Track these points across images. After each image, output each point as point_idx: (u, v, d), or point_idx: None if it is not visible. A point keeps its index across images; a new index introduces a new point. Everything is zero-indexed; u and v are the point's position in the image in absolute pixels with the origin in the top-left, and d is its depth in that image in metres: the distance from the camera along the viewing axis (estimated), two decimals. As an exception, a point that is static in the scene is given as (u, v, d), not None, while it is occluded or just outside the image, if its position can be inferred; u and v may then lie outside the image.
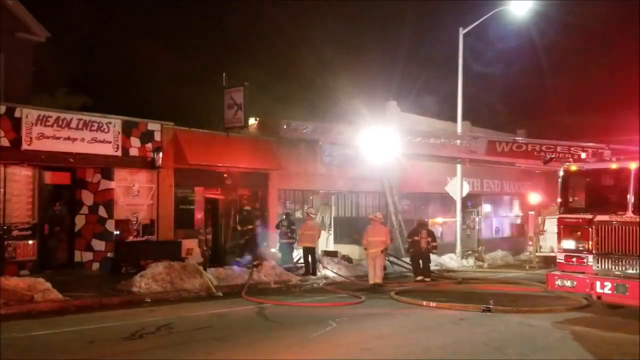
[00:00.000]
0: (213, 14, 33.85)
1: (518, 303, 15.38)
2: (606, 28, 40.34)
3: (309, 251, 21.17)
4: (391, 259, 23.06)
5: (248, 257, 20.81)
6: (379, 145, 20.44)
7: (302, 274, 20.60)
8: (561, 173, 13.93)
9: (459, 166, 25.76)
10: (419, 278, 20.76)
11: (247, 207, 22.70)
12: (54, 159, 18.33)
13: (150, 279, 16.52)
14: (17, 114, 17.48)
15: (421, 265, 21.17)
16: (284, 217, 22.87)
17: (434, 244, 21.44)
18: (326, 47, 31.13)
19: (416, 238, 21.36)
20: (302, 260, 21.70)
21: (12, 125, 17.36)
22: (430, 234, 21.58)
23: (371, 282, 18.97)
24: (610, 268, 12.66)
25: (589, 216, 13.01)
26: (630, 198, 12.43)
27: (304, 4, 32.27)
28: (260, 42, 33.08)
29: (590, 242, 12.91)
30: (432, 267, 23.94)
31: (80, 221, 20.30)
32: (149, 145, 20.42)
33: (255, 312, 14.31)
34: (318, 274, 20.88)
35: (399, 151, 21.02)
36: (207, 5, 32.97)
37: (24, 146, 17.50)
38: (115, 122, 19.58)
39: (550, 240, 23.44)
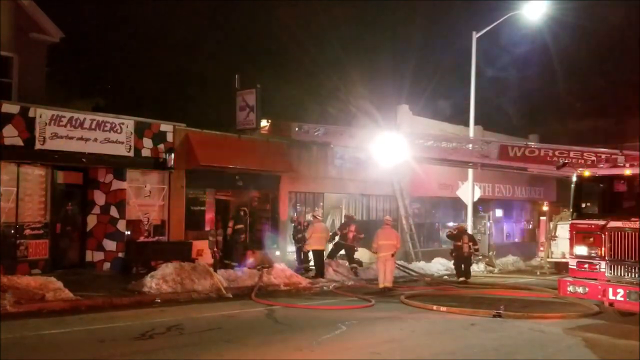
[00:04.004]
0: (226, 16, 33.94)
1: (529, 309, 15.30)
2: (621, 32, 40.08)
3: (318, 254, 21.16)
4: (400, 262, 23.06)
5: (250, 260, 21.15)
6: (390, 148, 20.42)
7: (312, 277, 20.59)
8: (574, 179, 13.85)
9: (470, 170, 25.66)
10: (461, 279, 21.77)
11: (244, 208, 22.79)
12: (67, 159, 18.42)
13: (160, 279, 16.56)
14: (30, 113, 17.58)
15: (462, 268, 22.22)
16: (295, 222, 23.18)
17: (476, 247, 22.84)
18: (338, 49, 31.13)
19: (458, 243, 22.37)
20: (312, 263, 21.71)
21: (26, 125, 17.45)
22: (472, 239, 22.80)
23: (381, 285, 18.96)
24: (622, 275, 12.57)
25: (602, 222, 12.92)
26: (644, 204, 12.35)
27: (316, 6, 32.29)
28: (272, 44, 33.12)
29: (602, 249, 12.83)
30: (443, 271, 24.09)
31: (91, 221, 20.39)
32: (161, 146, 20.48)
33: (264, 314, 14.30)
34: (327, 276, 20.86)
35: (411, 155, 20.98)
36: (220, 8, 33.07)
37: (38, 146, 17.60)
38: (128, 123, 19.66)
39: (562, 246, 23.31)
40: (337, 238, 22.42)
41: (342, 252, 22.48)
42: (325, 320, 13.51)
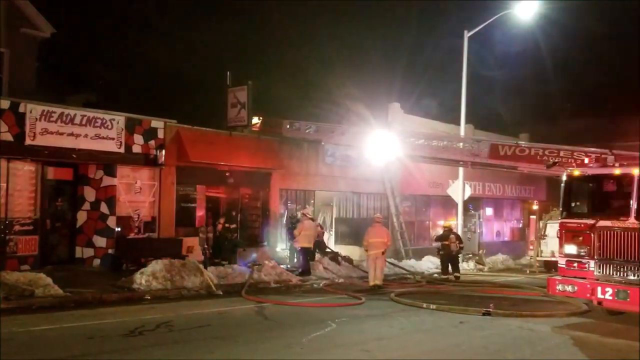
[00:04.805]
0: (218, 13, 33.86)
1: (518, 307, 15.36)
2: (611, 32, 40.32)
3: (307, 251, 21.18)
4: (390, 260, 23.18)
5: (254, 255, 21.51)
6: (381, 146, 20.45)
7: (301, 274, 20.56)
8: (564, 178, 13.91)
9: (461, 169, 25.74)
10: (446, 276, 22.27)
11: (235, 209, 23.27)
12: (57, 155, 18.35)
13: (150, 276, 16.53)
14: (21, 109, 17.50)
15: (449, 266, 22.75)
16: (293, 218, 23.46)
17: (461, 245, 23.41)
18: (330, 47, 31.15)
19: (446, 242, 22.78)
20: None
21: (16, 120, 17.37)
22: (458, 238, 23.45)
23: (371, 283, 18.97)
24: (611, 274, 12.63)
25: (591, 221, 12.96)
26: (633, 204, 12.39)
27: (308, 5, 32.29)
28: (264, 42, 33.10)
29: (591, 248, 12.88)
30: (433, 269, 24.20)
31: (81, 217, 20.32)
32: (152, 143, 20.43)
33: (255, 312, 14.30)
34: (317, 274, 20.89)
35: (402, 153, 21.03)
36: (212, 5, 33.01)
37: (28, 141, 17.52)
38: (119, 119, 19.59)
39: (552, 244, 23.44)
40: None
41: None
42: (315, 317, 13.52)
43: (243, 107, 23.46)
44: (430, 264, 25.46)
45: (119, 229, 19.95)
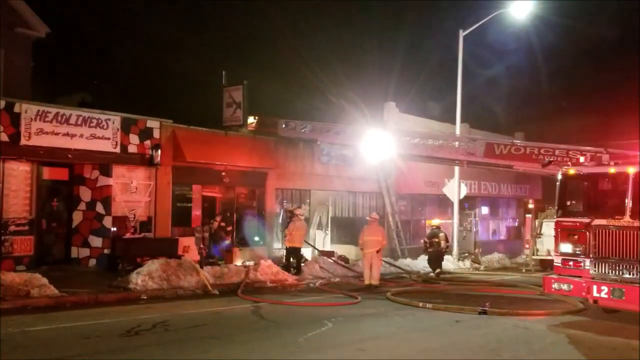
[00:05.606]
0: (213, 13, 33.83)
1: (514, 306, 15.39)
2: (606, 31, 40.42)
3: (297, 251, 21.19)
4: (387, 259, 23.20)
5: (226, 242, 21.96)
6: (377, 145, 20.45)
7: (294, 274, 20.54)
8: (559, 177, 13.93)
9: (456, 168, 25.75)
10: (437, 271, 22.85)
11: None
12: (53, 155, 18.31)
13: (146, 276, 16.52)
14: (16, 109, 17.46)
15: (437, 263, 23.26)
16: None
17: (447, 243, 23.91)
18: (326, 46, 31.15)
19: (435, 240, 23.11)
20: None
21: (11, 120, 17.33)
22: (445, 237, 23.77)
23: (367, 282, 18.97)
24: (607, 272, 12.65)
25: (587, 220, 12.99)
26: (628, 202, 12.43)
27: (303, 4, 32.27)
28: (259, 41, 33.10)
29: (587, 246, 12.91)
30: (429, 269, 24.27)
31: (77, 217, 20.28)
32: (148, 143, 20.41)
33: (251, 311, 14.30)
34: (313, 273, 20.88)
35: (397, 152, 21.03)
36: (208, 4, 32.97)
37: (23, 141, 17.48)
38: (114, 119, 19.57)
39: (547, 243, 23.46)
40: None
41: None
42: (311, 317, 13.52)
43: (238, 106, 23.43)
44: (426, 263, 25.44)
45: (115, 229, 19.93)
